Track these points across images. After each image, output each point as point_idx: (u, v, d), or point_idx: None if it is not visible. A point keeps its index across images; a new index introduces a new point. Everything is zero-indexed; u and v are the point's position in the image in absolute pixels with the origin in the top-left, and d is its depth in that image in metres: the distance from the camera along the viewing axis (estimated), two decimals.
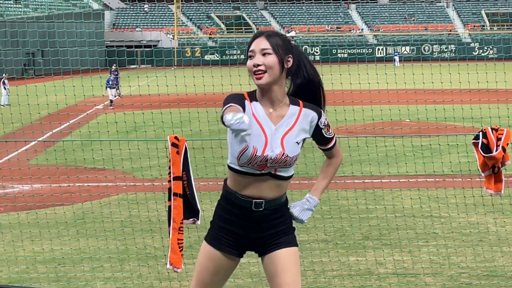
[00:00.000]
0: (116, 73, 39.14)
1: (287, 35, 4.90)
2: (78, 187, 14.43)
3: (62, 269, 9.23)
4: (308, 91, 4.85)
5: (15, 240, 10.38)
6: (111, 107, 34.12)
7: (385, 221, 11.07)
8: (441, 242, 10.07)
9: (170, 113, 12.88)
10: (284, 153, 4.64)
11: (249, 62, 4.66)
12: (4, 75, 37.82)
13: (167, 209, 6.20)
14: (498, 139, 6.88)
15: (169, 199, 6.16)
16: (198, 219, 6.33)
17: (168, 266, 6.24)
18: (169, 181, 6.20)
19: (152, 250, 9.89)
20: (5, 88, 37.04)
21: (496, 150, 6.84)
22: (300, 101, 4.78)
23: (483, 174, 7.09)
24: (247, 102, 4.70)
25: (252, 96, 4.76)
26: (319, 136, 4.83)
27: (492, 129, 7.00)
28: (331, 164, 5.03)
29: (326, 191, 12.83)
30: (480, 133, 7.00)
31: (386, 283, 8.55)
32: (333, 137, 4.89)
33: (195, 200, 6.27)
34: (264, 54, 4.61)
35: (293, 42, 4.85)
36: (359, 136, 18.29)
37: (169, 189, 6.18)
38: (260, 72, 4.60)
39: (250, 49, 4.68)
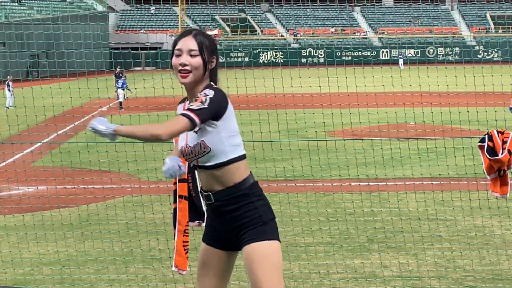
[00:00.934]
0: (121, 75, 39.18)
1: (210, 33, 4.98)
2: (83, 189, 14.44)
3: (66, 271, 9.23)
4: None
5: (20, 242, 10.39)
6: (121, 109, 34.16)
7: (390, 224, 11.05)
8: (446, 245, 10.05)
9: (175, 115, 12.88)
10: (187, 145, 4.79)
11: (175, 60, 4.75)
12: (8, 77, 37.87)
13: (172, 211, 6.20)
14: (504, 142, 6.87)
15: (175, 201, 6.16)
16: (203, 221, 6.32)
17: (173, 268, 6.24)
18: (175, 183, 6.20)
19: (157, 252, 9.89)
20: (9, 90, 37.08)
21: (502, 153, 6.83)
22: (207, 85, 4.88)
23: (488, 177, 7.07)
24: (180, 106, 5.03)
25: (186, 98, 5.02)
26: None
27: (498, 132, 6.98)
28: (145, 127, 4.62)
29: (331, 193, 12.80)
30: (486, 136, 6.99)
31: (391, 286, 8.54)
32: (189, 109, 4.60)
33: (201, 202, 6.26)
34: (191, 55, 4.71)
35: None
36: (364, 139, 18.29)
37: (175, 191, 6.18)
38: (186, 71, 4.72)
39: (178, 47, 4.76)
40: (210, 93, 4.63)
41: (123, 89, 35.93)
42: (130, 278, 8.92)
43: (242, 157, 4.83)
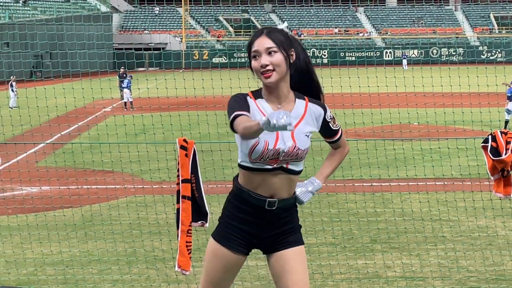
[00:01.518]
0: (125, 75, 39.20)
1: (281, 27, 4.87)
2: (86, 190, 14.45)
3: (70, 271, 9.24)
4: (306, 80, 4.87)
5: (24, 242, 10.40)
6: (132, 108, 34.20)
7: (393, 225, 11.05)
8: (449, 245, 10.05)
9: (179, 115, 12.89)
10: (295, 146, 4.65)
11: (255, 63, 4.64)
12: (12, 77, 37.91)
13: (175, 212, 6.20)
14: (508, 143, 6.86)
15: (178, 202, 6.16)
16: (206, 222, 6.32)
17: (176, 268, 6.24)
18: (178, 183, 6.19)
19: (160, 252, 9.89)
20: (13, 91, 37.11)
21: (506, 154, 6.82)
22: (306, 97, 4.82)
23: (492, 178, 7.06)
24: (251, 101, 4.70)
25: (257, 94, 4.77)
26: (326, 129, 4.88)
27: (501, 132, 6.98)
28: (337, 152, 5.08)
29: (335, 194, 12.80)
30: (489, 136, 6.98)
31: (394, 287, 8.53)
32: (339, 129, 4.95)
33: (204, 203, 6.26)
34: (270, 53, 4.60)
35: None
36: (368, 139, 18.28)
37: (178, 191, 6.18)
38: (269, 71, 4.60)
39: (254, 49, 4.64)
40: (331, 112, 4.88)
41: (129, 89, 35.92)
42: (134, 278, 8.93)
43: None
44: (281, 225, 4.83)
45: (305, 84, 4.86)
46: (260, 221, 4.79)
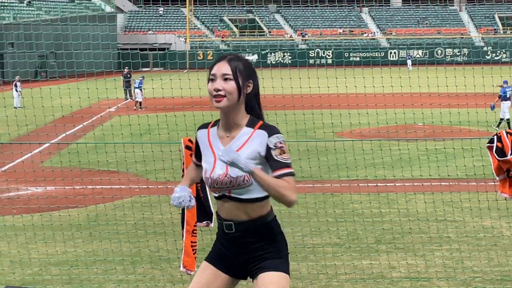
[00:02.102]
0: (129, 75, 39.22)
1: (249, 58, 4.87)
2: (91, 190, 14.46)
3: (75, 271, 9.25)
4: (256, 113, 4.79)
5: (29, 242, 10.41)
6: (141, 109, 34.22)
7: (398, 225, 11.04)
8: (454, 246, 10.04)
9: (184, 115, 12.89)
10: (227, 174, 4.59)
11: (210, 86, 4.67)
12: (16, 77, 37.94)
13: (180, 212, 6.21)
14: None
15: None
16: (211, 222, 6.33)
17: (181, 268, 6.25)
18: None
19: (165, 252, 9.89)
20: (16, 91, 37.12)
21: (511, 154, 6.81)
22: (259, 123, 4.69)
23: (497, 178, 7.06)
24: (203, 131, 4.84)
25: (217, 122, 4.83)
26: (269, 157, 4.57)
27: (507, 133, 6.97)
28: (280, 183, 4.50)
29: (339, 194, 12.80)
30: (495, 136, 6.98)
31: (399, 287, 8.52)
32: (286, 165, 4.53)
33: (209, 203, 6.27)
34: (225, 79, 4.62)
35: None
36: (373, 140, 18.28)
37: None
38: (220, 96, 4.61)
39: (212, 72, 4.68)
40: (281, 137, 4.59)
41: (140, 89, 35.94)
42: (138, 278, 8.93)
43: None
44: (250, 250, 4.76)
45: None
46: (228, 243, 4.81)
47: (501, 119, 24.76)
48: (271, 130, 4.61)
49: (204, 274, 4.89)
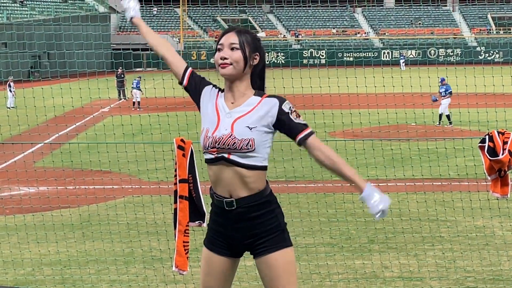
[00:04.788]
0: (123, 76, 39.19)
1: (258, 35, 4.94)
2: (84, 190, 14.44)
3: (67, 272, 9.24)
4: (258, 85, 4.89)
5: (21, 242, 10.40)
6: (140, 108, 34.22)
7: (391, 225, 11.05)
8: (447, 246, 10.06)
9: (176, 115, 12.91)
10: (231, 135, 4.63)
11: (217, 55, 4.76)
12: (9, 77, 37.91)
13: (173, 212, 6.20)
14: (505, 143, 6.86)
15: (175, 202, 6.16)
16: (204, 222, 6.32)
17: (173, 268, 6.23)
18: (175, 183, 6.20)
19: (158, 252, 9.90)
20: (10, 91, 37.13)
21: (503, 154, 6.82)
22: (266, 94, 4.78)
23: (489, 178, 7.07)
24: (215, 89, 4.90)
25: (222, 90, 4.89)
26: (287, 122, 4.66)
27: (498, 132, 6.98)
28: (327, 159, 4.68)
29: (332, 194, 12.81)
30: (487, 136, 6.98)
31: (392, 287, 8.54)
32: (305, 125, 4.67)
33: (201, 203, 6.27)
34: (232, 49, 4.71)
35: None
36: (365, 140, 18.29)
37: (175, 191, 6.18)
38: (226, 64, 4.70)
39: (220, 42, 4.77)
40: (291, 105, 4.69)
41: (139, 89, 35.91)
42: (131, 278, 8.93)
43: (267, 167, 4.82)
44: (254, 226, 4.76)
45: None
46: (228, 222, 4.80)
47: (441, 114, 25.13)
48: (280, 98, 4.72)
49: (206, 261, 4.92)
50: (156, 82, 21.55)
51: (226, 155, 4.66)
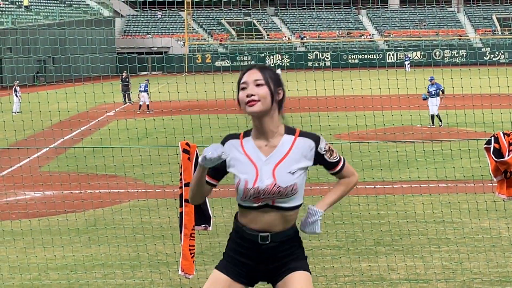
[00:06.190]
0: (128, 79, 39.23)
1: (277, 71, 4.92)
2: (89, 194, 14.45)
3: (74, 276, 9.24)
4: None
5: (27, 247, 10.40)
6: (149, 111, 34.20)
7: (397, 227, 11.03)
8: (453, 247, 10.04)
9: (181, 119, 12.90)
10: (275, 184, 4.60)
11: (242, 93, 4.69)
12: (15, 82, 37.98)
13: (178, 216, 6.21)
14: (510, 144, 6.86)
15: (181, 206, 6.17)
16: (209, 225, 6.33)
17: (179, 272, 6.24)
18: (181, 187, 6.21)
19: (164, 256, 9.89)
20: (16, 96, 37.19)
21: (508, 155, 6.81)
22: (297, 130, 4.78)
23: (495, 179, 7.06)
24: (235, 141, 4.76)
25: (247, 133, 4.80)
26: (323, 162, 4.79)
27: (504, 134, 6.97)
28: (342, 183, 4.99)
29: None
30: (492, 138, 6.98)
31: None
32: (339, 161, 4.85)
33: (207, 207, 6.27)
34: (257, 85, 4.65)
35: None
36: (370, 142, 18.26)
37: (181, 195, 6.19)
38: (253, 101, 4.63)
39: (243, 81, 4.71)
40: (323, 139, 4.77)
41: (147, 92, 35.88)
42: (137, 282, 8.92)
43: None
44: (280, 258, 4.79)
45: None
46: (257, 255, 4.78)
47: (433, 116, 25.19)
48: (314, 137, 4.75)
49: (219, 285, 4.82)
50: (161, 85, 21.54)
51: (270, 203, 4.67)
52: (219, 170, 4.74)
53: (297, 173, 4.66)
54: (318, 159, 4.74)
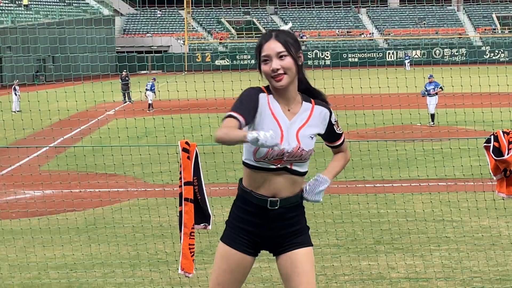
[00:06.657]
0: (127, 78, 39.20)
1: (286, 28, 4.88)
2: (89, 193, 14.45)
3: (74, 275, 9.24)
4: (305, 82, 4.91)
5: (27, 246, 10.40)
6: (150, 110, 34.21)
7: (396, 226, 11.04)
8: (453, 246, 10.04)
9: (181, 118, 12.89)
10: (300, 147, 4.67)
11: (266, 67, 4.66)
12: (15, 81, 37.96)
13: (178, 214, 6.20)
14: (510, 143, 6.86)
15: (180, 204, 6.16)
16: (209, 224, 6.33)
17: (179, 271, 6.24)
18: (180, 186, 6.20)
19: (164, 255, 9.89)
20: (16, 94, 37.18)
21: (508, 154, 6.81)
22: (312, 99, 4.86)
23: (494, 178, 7.06)
24: (263, 96, 4.72)
25: (269, 91, 4.77)
26: (331, 132, 4.91)
27: (503, 132, 6.97)
28: (341, 156, 5.10)
29: (338, 195, 12.80)
30: (492, 136, 6.98)
31: None
32: (342, 133, 5.00)
33: (206, 205, 6.27)
34: (280, 57, 4.63)
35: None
36: (370, 140, 18.26)
37: (180, 194, 6.18)
38: (280, 75, 4.63)
39: (264, 54, 4.66)
40: (334, 114, 4.92)
41: (153, 91, 35.81)
42: (137, 281, 8.92)
43: None
44: (287, 225, 4.81)
45: (305, 86, 4.89)
46: (264, 221, 4.78)
47: (433, 114, 25.25)
48: (328, 108, 4.91)
49: (232, 261, 4.83)
50: (161, 84, 21.54)
51: (289, 166, 4.71)
52: (250, 113, 4.61)
53: (314, 139, 4.79)
54: (329, 128, 4.88)
